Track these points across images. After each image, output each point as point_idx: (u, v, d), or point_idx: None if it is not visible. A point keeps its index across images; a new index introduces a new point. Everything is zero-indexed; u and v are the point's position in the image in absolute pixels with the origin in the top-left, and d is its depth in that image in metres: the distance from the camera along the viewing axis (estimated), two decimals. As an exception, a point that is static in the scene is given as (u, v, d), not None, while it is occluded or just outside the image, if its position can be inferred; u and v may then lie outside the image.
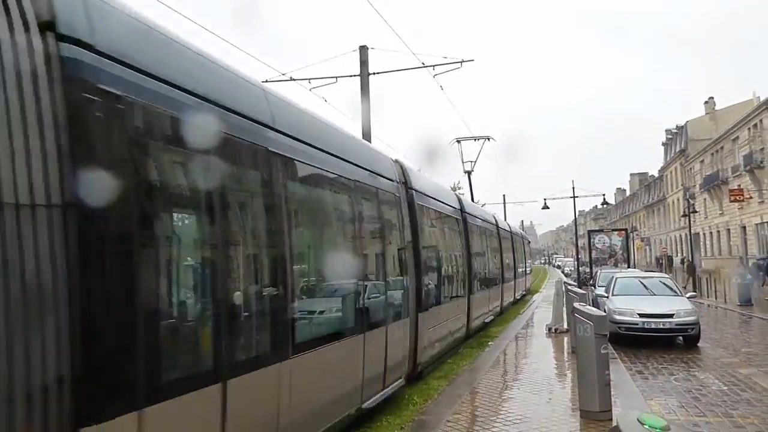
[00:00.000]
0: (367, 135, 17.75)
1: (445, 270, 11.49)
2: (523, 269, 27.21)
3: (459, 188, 61.18)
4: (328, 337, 5.80)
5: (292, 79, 16.72)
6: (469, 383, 9.02)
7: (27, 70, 2.76)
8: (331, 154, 6.26)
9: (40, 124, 2.78)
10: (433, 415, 7.17)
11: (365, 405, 6.64)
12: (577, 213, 47.25)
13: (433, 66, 16.63)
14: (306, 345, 5.12)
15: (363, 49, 17.52)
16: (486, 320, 15.91)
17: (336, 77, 16.91)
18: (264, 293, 4.73)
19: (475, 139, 24.92)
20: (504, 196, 56.84)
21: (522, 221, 68.23)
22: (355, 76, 17.36)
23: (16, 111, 2.69)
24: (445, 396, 8.25)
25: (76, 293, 2.82)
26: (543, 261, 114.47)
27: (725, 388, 8.94)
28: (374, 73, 17.56)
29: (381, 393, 7.16)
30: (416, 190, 9.42)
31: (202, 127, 3.87)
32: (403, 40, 31.45)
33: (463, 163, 25.71)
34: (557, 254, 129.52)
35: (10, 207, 2.61)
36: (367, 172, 7.35)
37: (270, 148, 4.82)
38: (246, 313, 4.39)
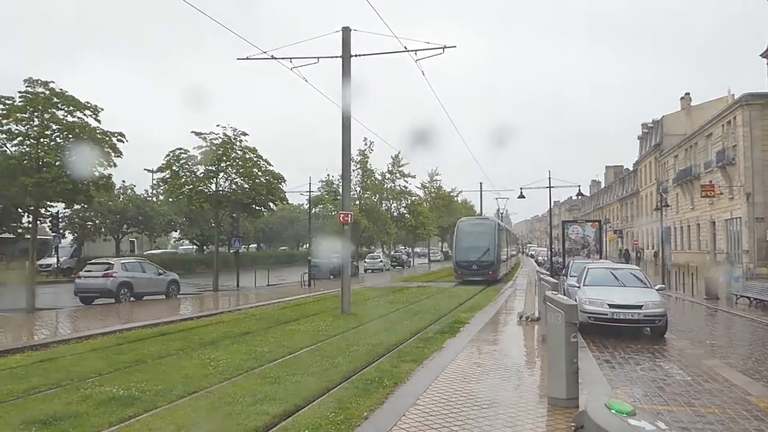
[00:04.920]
0: (347, 115, 17.59)
1: (507, 250, 41.53)
2: (513, 255, 52.46)
3: (437, 174, 61.34)
4: (508, 258, 44.38)
5: (273, 58, 16.48)
6: (440, 367, 9.08)
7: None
8: (507, 228, 49.85)
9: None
10: (403, 398, 7.23)
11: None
12: (552, 203, 47.81)
13: (416, 51, 16.49)
14: (510, 257, 47.60)
15: (345, 31, 17.30)
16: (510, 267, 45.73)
17: (317, 57, 16.68)
18: (507, 254, 41.64)
19: (502, 194, 67.87)
20: (481, 184, 57.28)
21: (498, 209, 69.00)
22: (336, 57, 17.16)
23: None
24: (415, 379, 8.32)
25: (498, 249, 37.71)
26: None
27: (689, 378, 9.12)
28: (356, 55, 17.37)
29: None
30: (502, 226, 40.37)
31: (509, 232, 51.82)
32: (387, 23, 31.22)
33: (498, 207, 61.05)
34: (531, 243, 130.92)
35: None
36: (507, 229, 50.85)
37: (503, 229, 39.24)
38: (508, 255, 42.73)
